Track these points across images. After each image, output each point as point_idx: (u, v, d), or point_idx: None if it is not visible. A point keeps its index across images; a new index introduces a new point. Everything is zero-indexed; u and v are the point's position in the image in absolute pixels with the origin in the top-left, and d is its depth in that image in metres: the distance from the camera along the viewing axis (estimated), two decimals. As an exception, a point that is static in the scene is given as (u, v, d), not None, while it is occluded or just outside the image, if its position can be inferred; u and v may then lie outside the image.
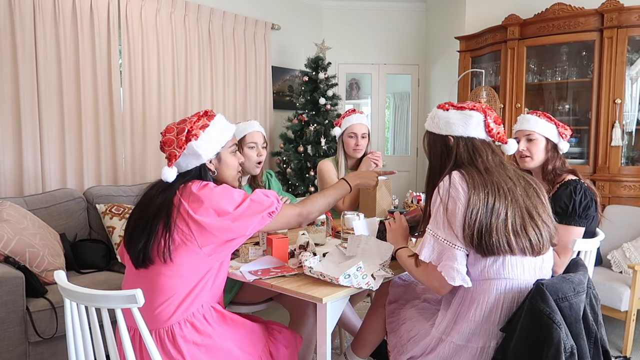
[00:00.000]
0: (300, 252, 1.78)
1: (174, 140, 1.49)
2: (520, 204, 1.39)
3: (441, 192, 1.42)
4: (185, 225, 1.43)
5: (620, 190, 3.57)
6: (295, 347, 1.76)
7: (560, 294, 1.27)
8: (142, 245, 1.43)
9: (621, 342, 2.88)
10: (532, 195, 1.44)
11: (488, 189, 1.38)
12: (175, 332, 1.44)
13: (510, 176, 1.45)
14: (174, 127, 1.54)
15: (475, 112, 1.50)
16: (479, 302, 1.39)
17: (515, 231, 1.36)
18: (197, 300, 1.48)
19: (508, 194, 1.39)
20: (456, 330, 1.42)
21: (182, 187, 1.50)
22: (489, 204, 1.36)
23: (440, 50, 5.36)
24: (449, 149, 1.52)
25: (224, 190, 1.50)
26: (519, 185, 1.44)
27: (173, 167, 1.48)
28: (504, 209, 1.36)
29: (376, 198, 2.46)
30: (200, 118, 1.56)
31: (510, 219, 1.36)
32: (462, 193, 1.38)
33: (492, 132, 1.50)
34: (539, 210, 1.43)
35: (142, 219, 1.48)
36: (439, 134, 1.54)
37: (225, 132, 1.61)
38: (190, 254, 1.44)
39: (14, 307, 2.14)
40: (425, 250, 1.44)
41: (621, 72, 3.55)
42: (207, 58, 4.19)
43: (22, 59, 3.06)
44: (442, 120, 1.53)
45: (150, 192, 1.54)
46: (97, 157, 3.49)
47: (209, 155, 1.56)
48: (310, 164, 4.48)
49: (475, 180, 1.40)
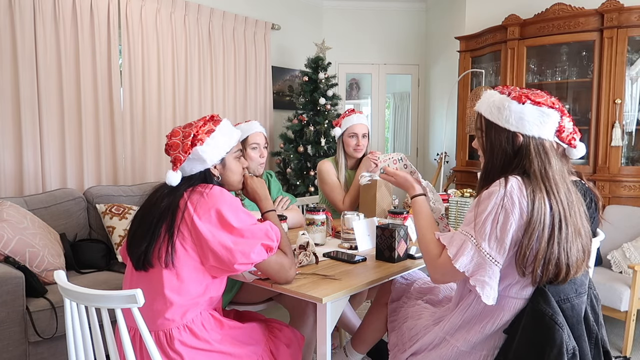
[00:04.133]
0: (300, 252, 1.78)
1: (180, 144, 1.49)
2: (577, 225, 1.27)
3: (493, 199, 1.25)
4: (187, 232, 1.42)
5: (620, 191, 3.57)
6: (297, 344, 1.75)
7: (562, 295, 1.26)
8: (144, 249, 1.42)
9: (621, 342, 2.88)
10: (580, 209, 1.31)
11: (556, 207, 1.24)
12: (174, 335, 1.43)
13: (569, 188, 1.30)
14: (179, 130, 1.53)
15: (554, 110, 1.32)
16: (493, 317, 1.34)
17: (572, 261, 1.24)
18: (196, 307, 1.47)
19: (570, 214, 1.25)
20: (463, 337, 1.40)
21: (191, 190, 1.48)
22: (555, 228, 1.22)
23: (440, 50, 5.36)
24: (515, 148, 1.32)
25: (234, 204, 1.48)
26: (575, 199, 1.30)
27: (178, 171, 1.48)
28: (570, 235, 1.23)
29: (376, 198, 2.46)
30: (206, 123, 1.56)
31: (574, 248, 1.24)
32: (518, 207, 1.23)
33: (562, 134, 1.31)
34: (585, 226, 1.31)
35: (145, 222, 1.47)
36: (506, 128, 1.33)
37: (231, 138, 1.61)
38: (188, 260, 1.43)
39: (14, 307, 2.14)
40: (463, 259, 1.28)
41: (621, 72, 3.55)
42: (207, 58, 4.19)
43: (22, 59, 3.06)
44: (514, 114, 1.31)
45: (155, 194, 1.53)
46: (97, 157, 3.49)
47: (214, 161, 1.55)
48: (310, 164, 4.48)
49: (542, 195, 1.24)
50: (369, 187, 2.49)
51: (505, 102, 1.33)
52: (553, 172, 1.28)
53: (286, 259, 1.55)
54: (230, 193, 1.53)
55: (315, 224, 2.10)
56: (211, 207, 1.43)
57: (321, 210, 2.11)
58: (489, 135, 1.37)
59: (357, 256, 1.87)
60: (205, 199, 1.45)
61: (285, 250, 1.58)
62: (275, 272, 1.53)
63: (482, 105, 1.40)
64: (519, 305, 1.32)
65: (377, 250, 1.89)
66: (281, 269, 1.53)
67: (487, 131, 1.38)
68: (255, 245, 1.43)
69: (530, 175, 1.28)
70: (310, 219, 2.10)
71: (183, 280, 1.43)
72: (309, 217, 2.11)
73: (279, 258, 1.53)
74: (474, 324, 1.38)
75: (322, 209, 2.12)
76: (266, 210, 1.72)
